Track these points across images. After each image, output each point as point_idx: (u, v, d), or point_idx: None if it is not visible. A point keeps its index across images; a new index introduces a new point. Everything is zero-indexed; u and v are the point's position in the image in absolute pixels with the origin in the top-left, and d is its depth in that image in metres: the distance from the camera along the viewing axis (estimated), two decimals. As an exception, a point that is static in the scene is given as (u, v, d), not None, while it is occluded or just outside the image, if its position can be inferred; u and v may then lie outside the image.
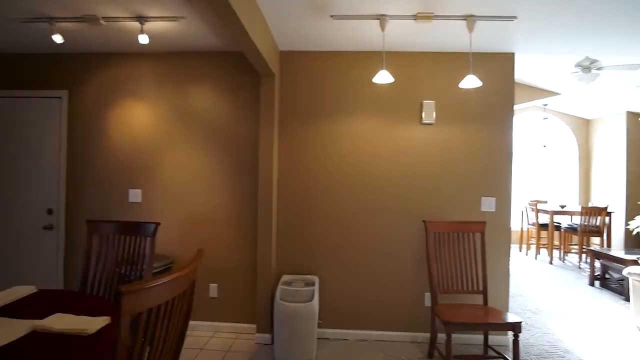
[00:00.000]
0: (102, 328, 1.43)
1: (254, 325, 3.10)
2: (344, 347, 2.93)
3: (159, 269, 2.84)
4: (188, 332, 3.13)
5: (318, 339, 2.83)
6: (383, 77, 2.55)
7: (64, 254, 3.30)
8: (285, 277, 2.94)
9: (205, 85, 3.21)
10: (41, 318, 1.50)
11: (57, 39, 2.69)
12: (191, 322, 3.14)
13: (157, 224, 2.23)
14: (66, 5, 2.42)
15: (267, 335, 2.96)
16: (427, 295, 3.03)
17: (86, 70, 3.30)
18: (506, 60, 3.04)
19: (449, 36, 2.77)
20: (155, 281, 1.09)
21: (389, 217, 3.09)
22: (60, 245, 3.30)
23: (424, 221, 2.84)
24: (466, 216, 3.04)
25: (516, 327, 2.31)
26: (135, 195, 3.21)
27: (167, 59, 3.23)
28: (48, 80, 3.33)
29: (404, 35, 2.77)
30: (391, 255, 3.09)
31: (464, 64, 2.99)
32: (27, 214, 3.33)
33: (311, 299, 2.65)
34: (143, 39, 2.64)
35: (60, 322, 1.43)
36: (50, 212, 3.30)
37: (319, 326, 2.85)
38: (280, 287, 2.73)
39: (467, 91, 2.99)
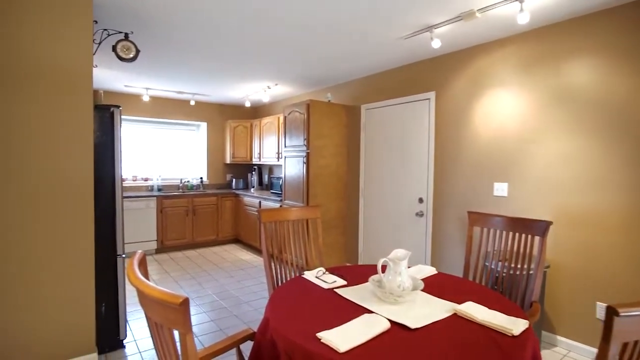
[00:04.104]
0: (523, 332, 1.32)
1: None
2: None
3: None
4: (564, 353, 2.68)
5: None
6: None
7: (431, 238, 3.69)
8: None
9: (588, 56, 2.58)
10: (446, 300, 1.61)
11: (436, 43, 2.95)
12: (569, 342, 2.68)
13: (549, 222, 1.95)
14: (446, 8, 2.57)
15: None
16: None
17: (451, 70, 3.49)
18: None
19: None
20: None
21: None
22: (428, 229, 3.72)
23: None
24: None
25: None
26: (501, 188, 3.08)
27: (534, 37, 2.86)
28: (419, 85, 3.80)
29: None
30: None
31: None
32: (404, 201, 3.98)
33: None
34: (523, 18, 2.42)
35: (479, 312, 1.43)
36: (420, 200, 3.78)
37: None
38: None
39: None
